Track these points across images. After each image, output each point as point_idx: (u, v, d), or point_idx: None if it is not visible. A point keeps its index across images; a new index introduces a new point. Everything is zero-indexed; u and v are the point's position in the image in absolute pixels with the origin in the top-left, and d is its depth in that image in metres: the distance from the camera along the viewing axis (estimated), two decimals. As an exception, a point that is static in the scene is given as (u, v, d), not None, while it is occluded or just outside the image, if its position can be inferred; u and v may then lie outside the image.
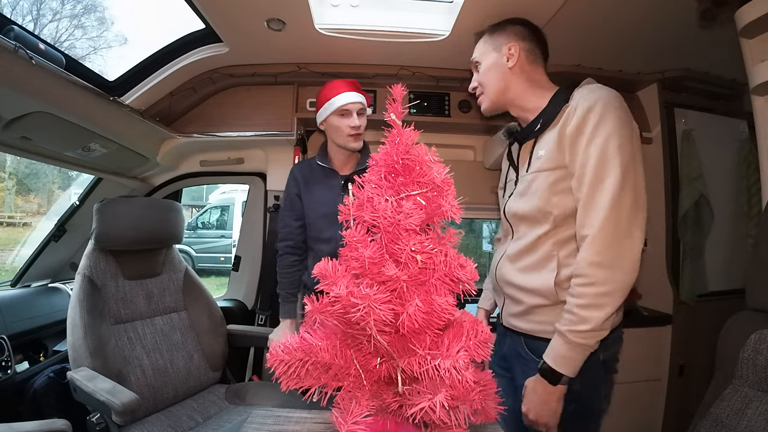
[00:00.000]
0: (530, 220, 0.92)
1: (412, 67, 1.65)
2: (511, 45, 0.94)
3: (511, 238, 1.00)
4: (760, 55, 0.96)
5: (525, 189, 0.92)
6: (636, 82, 1.74)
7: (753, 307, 0.75)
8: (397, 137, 0.64)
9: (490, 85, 0.97)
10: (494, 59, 0.96)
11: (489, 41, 0.99)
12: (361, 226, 0.62)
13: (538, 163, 0.89)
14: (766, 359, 0.67)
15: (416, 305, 0.56)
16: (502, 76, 0.95)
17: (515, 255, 0.96)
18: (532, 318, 0.93)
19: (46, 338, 1.60)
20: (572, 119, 0.81)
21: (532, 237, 0.91)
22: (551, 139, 0.86)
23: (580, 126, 0.80)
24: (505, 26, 0.98)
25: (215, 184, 7.18)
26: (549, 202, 0.86)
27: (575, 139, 0.80)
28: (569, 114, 0.83)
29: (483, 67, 0.99)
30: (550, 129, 0.88)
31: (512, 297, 0.97)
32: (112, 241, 1.39)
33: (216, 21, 1.31)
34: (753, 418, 0.66)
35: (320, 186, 1.34)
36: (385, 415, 0.64)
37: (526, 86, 0.95)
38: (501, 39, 0.96)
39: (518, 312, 0.96)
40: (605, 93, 0.82)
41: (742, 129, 1.85)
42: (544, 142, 0.89)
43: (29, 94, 1.05)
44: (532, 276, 0.92)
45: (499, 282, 1.01)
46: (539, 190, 0.87)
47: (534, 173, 0.90)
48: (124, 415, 1.02)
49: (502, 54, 0.95)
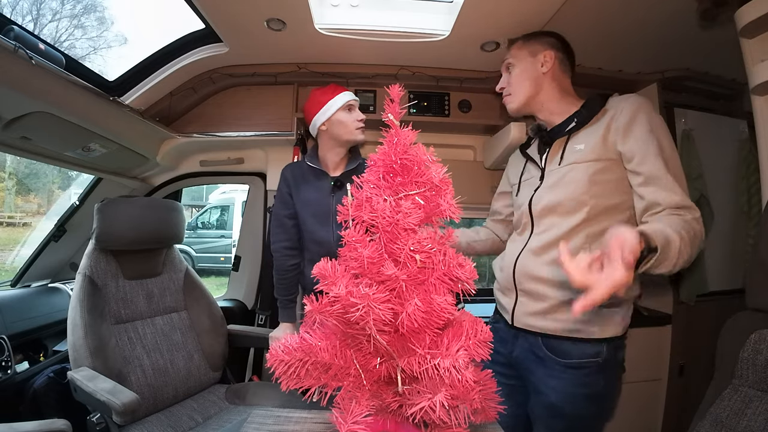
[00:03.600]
0: (562, 211, 0.93)
1: (411, 67, 1.65)
2: (547, 53, 1.01)
3: (529, 232, 1.00)
4: (760, 55, 0.96)
5: (558, 181, 0.95)
6: (636, 82, 1.74)
7: (753, 307, 0.75)
8: (395, 137, 0.64)
9: (522, 87, 1.03)
10: (530, 64, 1.02)
11: (524, 47, 1.04)
12: (360, 226, 0.62)
13: (576, 155, 0.93)
14: (766, 359, 0.67)
15: (415, 305, 0.56)
16: (536, 80, 1.02)
17: (542, 247, 0.94)
18: (556, 316, 0.91)
19: (46, 338, 1.60)
20: (621, 116, 0.89)
21: (563, 228, 0.91)
22: (594, 135, 0.91)
23: (632, 121, 0.87)
24: (541, 36, 1.05)
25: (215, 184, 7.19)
26: (587, 191, 0.90)
27: (628, 130, 0.87)
28: (615, 113, 0.90)
29: (517, 69, 1.04)
30: (587, 127, 0.94)
31: (534, 293, 0.95)
32: (112, 241, 1.39)
33: (216, 21, 1.31)
34: (753, 418, 0.66)
35: (310, 187, 1.35)
36: (385, 415, 0.64)
37: (556, 92, 1.02)
38: (537, 46, 1.03)
39: (540, 310, 0.93)
40: (643, 98, 0.92)
41: (742, 129, 1.85)
42: (581, 138, 0.94)
43: (29, 94, 1.05)
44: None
45: (518, 278, 0.98)
46: (576, 180, 0.91)
47: (570, 165, 0.93)
48: (125, 415, 1.02)
49: (538, 60, 1.01)
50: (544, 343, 0.94)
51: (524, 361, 0.98)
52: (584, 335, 0.90)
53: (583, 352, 0.90)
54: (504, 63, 1.08)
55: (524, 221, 1.02)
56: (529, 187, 1.03)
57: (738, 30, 0.98)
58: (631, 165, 0.87)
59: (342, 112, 1.31)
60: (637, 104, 0.89)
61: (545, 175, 0.99)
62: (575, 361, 0.90)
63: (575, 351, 0.90)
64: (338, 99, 1.31)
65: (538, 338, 0.95)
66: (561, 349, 0.91)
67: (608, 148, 0.89)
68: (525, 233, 1.01)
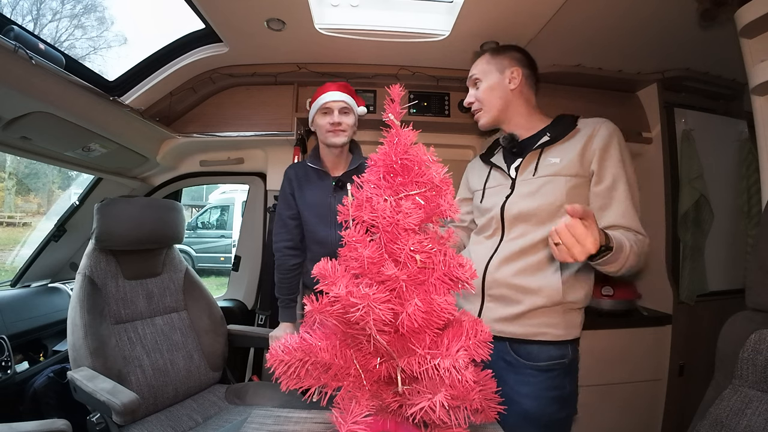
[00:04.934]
0: (537, 219, 0.95)
1: (411, 67, 1.65)
2: (514, 69, 1.03)
3: (499, 238, 1.01)
4: (760, 55, 0.96)
5: (534, 190, 0.97)
6: (636, 82, 1.74)
7: (753, 307, 0.75)
8: (396, 137, 0.64)
9: (492, 103, 1.05)
10: (497, 80, 1.04)
11: (492, 62, 1.06)
12: (360, 226, 0.62)
13: (552, 168, 0.96)
14: (766, 359, 0.67)
15: (415, 305, 0.56)
16: (504, 96, 1.04)
17: (513, 255, 0.96)
18: (527, 321, 0.93)
19: (46, 338, 1.60)
20: (598, 139, 0.94)
21: (535, 237, 0.94)
22: (570, 151, 0.95)
23: (608, 145, 0.93)
24: (508, 51, 1.07)
25: (215, 184, 7.19)
26: (564, 203, 0.92)
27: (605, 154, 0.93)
28: (592, 135, 0.95)
29: (484, 85, 1.06)
30: (561, 143, 0.98)
31: (504, 299, 0.96)
32: (112, 241, 1.39)
33: (216, 21, 1.31)
34: (753, 418, 0.66)
35: (312, 187, 1.35)
36: (385, 415, 0.64)
37: (524, 108, 1.05)
38: (505, 62, 1.04)
39: (508, 315, 0.95)
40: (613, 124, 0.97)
41: (742, 129, 1.85)
42: (555, 152, 0.97)
43: (29, 94, 1.05)
44: (535, 277, 0.93)
45: (488, 284, 0.99)
46: (554, 192, 0.94)
47: (547, 177, 0.96)
48: (125, 415, 1.02)
49: (505, 76, 1.03)
50: (513, 348, 0.95)
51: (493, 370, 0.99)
52: (551, 338, 0.93)
53: (550, 355, 0.93)
54: (470, 78, 1.10)
55: (494, 226, 1.03)
56: (497, 195, 1.04)
57: (738, 30, 0.98)
58: (598, 188, 0.93)
59: (318, 115, 1.31)
60: (611, 129, 0.95)
61: (517, 184, 1.01)
62: (544, 364, 0.93)
63: (543, 354, 0.93)
64: (318, 101, 1.31)
65: (506, 343, 0.96)
66: (529, 353, 0.94)
67: (584, 166, 0.94)
68: (494, 238, 1.02)
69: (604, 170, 0.92)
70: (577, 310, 0.96)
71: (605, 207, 0.91)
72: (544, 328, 0.92)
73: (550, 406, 0.93)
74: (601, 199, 0.92)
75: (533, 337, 0.93)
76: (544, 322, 0.92)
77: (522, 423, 0.92)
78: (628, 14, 1.26)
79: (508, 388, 0.93)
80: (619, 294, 1.70)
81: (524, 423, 0.92)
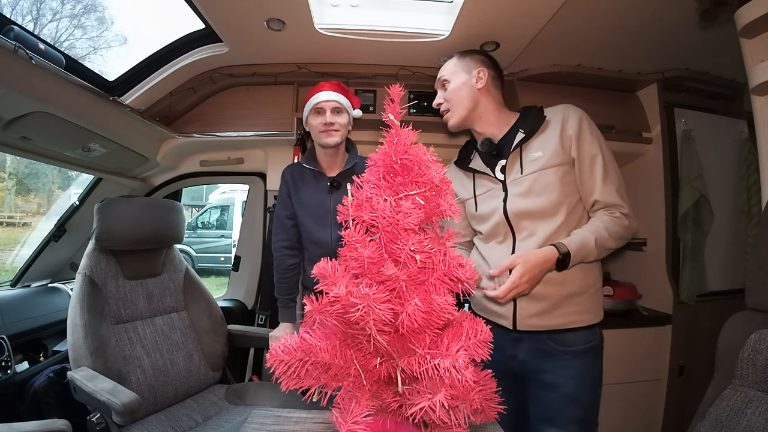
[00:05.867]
0: (542, 215, 0.98)
1: (411, 67, 1.65)
2: (480, 69, 1.07)
3: (512, 239, 1.02)
4: (760, 55, 0.96)
5: (529, 188, 0.99)
6: (636, 82, 1.74)
7: (753, 307, 0.75)
8: (396, 137, 0.64)
9: (460, 103, 1.08)
10: (465, 79, 1.07)
11: (459, 64, 1.09)
12: (360, 226, 0.62)
13: (539, 162, 0.99)
14: (766, 359, 0.67)
15: (415, 305, 0.56)
16: (472, 95, 1.07)
17: None
18: (559, 311, 0.98)
19: (46, 338, 1.60)
20: (570, 125, 0.99)
21: (548, 231, 0.97)
22: (550, 142, 0.99)
23: (580, 129, 0.98)
24: (473, 54, 1.11)
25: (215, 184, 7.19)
26: (561, 192, 0.97)
27: (580, 137, 0.98)
28: (564, 122, 0.99)
29: (452, 85, 1.09)
30: (536, 137, 1.01)
31: (535, 296, 0.98)
32: (112, 241, 1.39)
33: (216, 21, 1.31)
34: (753, 418, 0.66)
35: (308, 188, 1.35)
36: (385, 415, 0.64)
37: (492, 106, 1.08)
38: (471, 63, 1.08)
39: (542, 310, 0.98)
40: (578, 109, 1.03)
41: (742, 129, 1.85)
42: (535, 147, 1.00)
43: (29, 94, 1.05)
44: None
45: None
46: (551, 185, 0.97)
47: (537, 172, 0.98)
48: (125, 415, 1.02)
49: (472, 76, 1.07)
50: (550, 339, 0.99)
51: (533, 362, 1.01)
52: (583, 324, 0.99)
53: (584, 339, 0.99)
54: (439, 80, 1.13)
55: (503, 230, 1.03)
56: (491, 199, 1.05)
57: (738, 30, 0.98)
58: (580, 171, 0.99)
59: (311, 116, 1.31)
60: (579, 113, 1.00)
61: (508, 185, 1.02)
62: (581, 348, 0.98)
63: (578, 339, 0.99)
64: (311, 101, 1.30)
65: (543, 335, 0.99)
66: (566, 340, 0.98)
67: (566, 153, 0.98)
68: (507, 241, 1.03)
69: (582, 153, 0.97)
70: (597, 291, 1.03)
71: (589, 188, 0.97)
72: (576, 315, 0.98)
73: (590, 385, 0.99)
74: (584, 182, 0.98)
75: (568, 326, 0.98)
76: (574, 311, 0.98)
77: (568, 405, 0.97)
78: (628, 14, 1.26)
79: (548, 375, 0.99)
80: (619, 294, 1.70)
81: (570, 405, 0.97)
